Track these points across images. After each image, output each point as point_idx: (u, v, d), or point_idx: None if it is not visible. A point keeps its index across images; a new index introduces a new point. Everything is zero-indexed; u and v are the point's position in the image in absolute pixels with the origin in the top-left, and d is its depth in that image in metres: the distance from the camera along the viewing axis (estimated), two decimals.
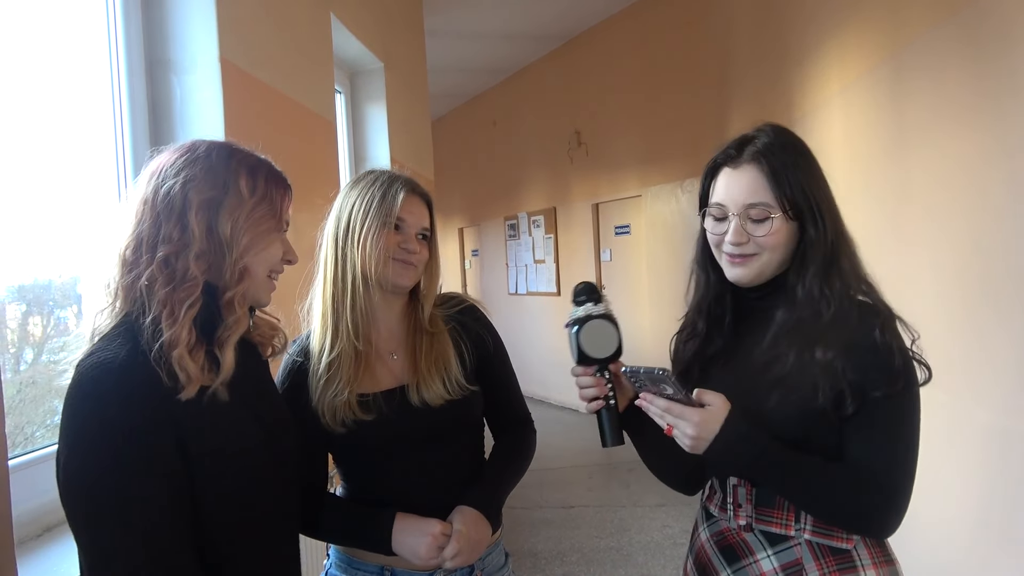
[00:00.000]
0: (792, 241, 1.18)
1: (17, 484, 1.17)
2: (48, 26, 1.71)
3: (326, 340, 1.37)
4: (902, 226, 2.56)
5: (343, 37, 3.21)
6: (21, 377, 1.66)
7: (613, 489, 4.99)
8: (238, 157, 1.10)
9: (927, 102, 2.48)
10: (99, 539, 0.94)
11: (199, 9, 1.90)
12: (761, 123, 1.23)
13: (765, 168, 1.16)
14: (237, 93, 1.97)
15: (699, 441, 1.12)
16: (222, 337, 1.05)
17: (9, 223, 1.55)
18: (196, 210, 1.02)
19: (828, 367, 1.11)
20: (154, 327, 0.99)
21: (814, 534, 1.14)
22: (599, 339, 1.25)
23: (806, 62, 3.69)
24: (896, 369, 1.10)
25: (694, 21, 5.66)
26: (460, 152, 9.48)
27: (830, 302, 1.14)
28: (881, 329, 1.12)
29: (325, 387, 1.34)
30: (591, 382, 1.26)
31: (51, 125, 1.72)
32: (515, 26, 6.77)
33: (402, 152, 3.94)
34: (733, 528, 1.21)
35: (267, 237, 1.10)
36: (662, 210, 6.17)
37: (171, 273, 1.01)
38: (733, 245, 1.19)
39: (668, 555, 3.88)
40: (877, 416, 1.11)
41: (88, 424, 0.94)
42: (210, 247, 1.04)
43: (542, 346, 7.81)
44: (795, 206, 1.15)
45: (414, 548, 1.29)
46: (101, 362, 0.96)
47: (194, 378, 0.99)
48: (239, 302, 1.07)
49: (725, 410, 1.11)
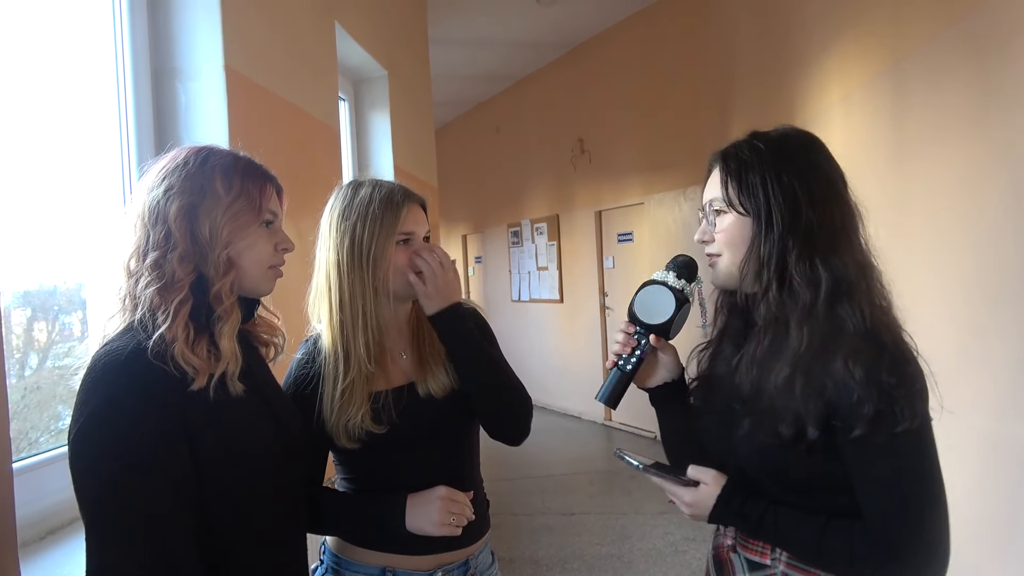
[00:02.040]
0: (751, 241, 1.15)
1: (21, 487, 1.18)
2: (55, 34, 1.73)
3: (339, 368, 1.36)
4: (902, 235, 2.56)
5: (347, 45, 3.23)
6: (26, 382, 1.67)
7: (615, 496, 4.98)
8: (213, 160, 1.16)
9: (928, 111, 2.48)
10: (105, 522, 0.97)
11: (204, 18, 1.92)
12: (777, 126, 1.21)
13: (723, 166, 1.17)
14: (241, 101, 1.99)
15: (696, 517, 1.17)
16: (218, 329, 1.11)
17: (15, 229, 1.57)
18: (175, 216, 1.09)
19: (785, 393, 1.05)
20: (152, 323, 1.05)
21: (790, 566, 1.12)
22: (654, 306, 1.25)
23: (807, 70, 3.70)
24: (871, 410, 0.99)
25: (697, 29, 5.68)
26: (464, 159, 9.51)
27: (786, 314, 1.09)
28: (855, 360, 1.01)
29: (339, 413, 1.35)
30: (623, 339, 1.28)
31: (57, 132, 1.74)
32: (518, 34, 6.80)
33: (406, 160, 3.95)
34: (725, 546, 1.23)
35: (247, 229, 1.16)
36: (665, 218, 6.18)
37: (160, 275, 1.08)
38: (698, 242, 1.21)
39: (670, 563, 3.87)
40: (861, 461, 1.04)
41: (98, 408, 0.99)
42: (193, 248, 1.10)
43: (545, 353, 7.81)
44: (743, 204, 1.13)
45: (429, 515, 1.32)
46: (111, 351, 1.02)
47: (200, 369, 1.05)
48: (226, 294, 1.13)
49: (717, 488, 1.13)
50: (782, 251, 1.10)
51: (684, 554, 3.96)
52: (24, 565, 1.17)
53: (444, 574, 1.41)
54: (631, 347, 1.27)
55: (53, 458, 1.53)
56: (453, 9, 5.79)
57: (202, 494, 1.05)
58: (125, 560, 0.97)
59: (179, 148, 1.17)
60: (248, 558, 1.12)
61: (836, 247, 1.10)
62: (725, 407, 1.18)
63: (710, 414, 1.24)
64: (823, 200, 1.11)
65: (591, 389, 1.84)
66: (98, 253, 1.77)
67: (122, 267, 1.11)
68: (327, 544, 1.46)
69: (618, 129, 6.78)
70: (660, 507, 4.65)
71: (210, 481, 1.06)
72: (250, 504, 1.11)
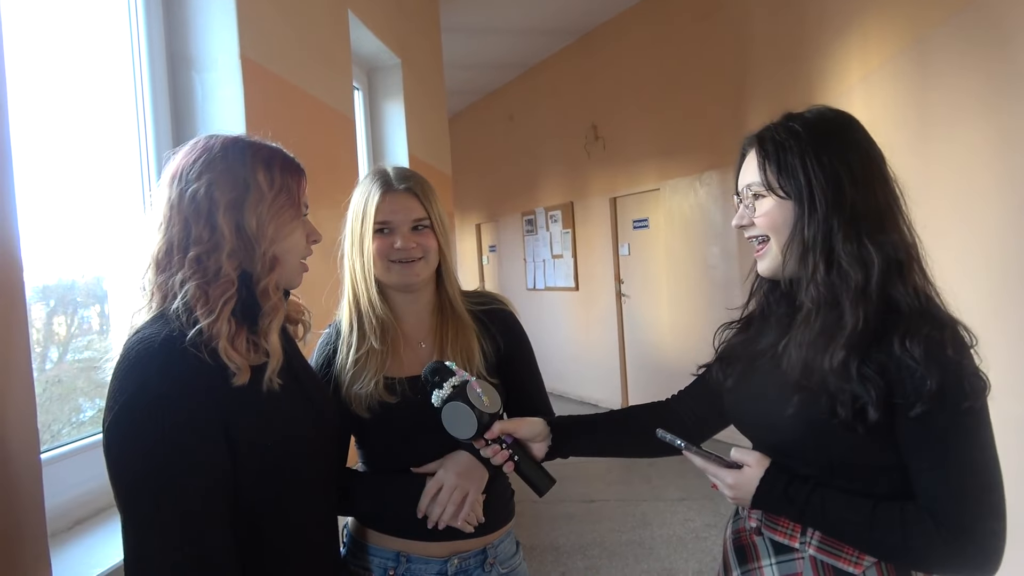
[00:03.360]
0: (794, 224, 1.13)
1: (47, 479, 1.18)
2: (71, 25, 1.72)
3: (353, 337, 1.42)
4: (925, 218, 2.52)
5: (361, 33, 3.22)
6: (47, 376, 1.68)
7: (634, 483, 4.97)
8: (252, 151, 1.14)
9: (952, 90, 2.44)
10: (143, 513, 0.98)
11: (219, 7, 1.91)
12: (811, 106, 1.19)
13: (759, 149, 1.15)
14: (257, 90, 1.98)
15: (738, 500, 1.15)
16: (264, 326, 1.11)
17: (33, 223, 1.57)
18: (223, 210, 1.08)
19: (842, 375, 1.04)
20: (188, 316, 1.04)
21: (820, 551, 1.10)
22: (460, 422, 1.24)
23: (826, 50, 3.65)
24: (935, 385, 0.98)
25: (711, 12, 5.62)
26: (477, 148, 9.49)
27: (836, 295, 1.07)
28: (913, 337, 1.01)
29: (352, 379, 1.39)
30: (490, 452, 1.28)
31: (75, 124, 1.74)
32: (531, 21, 6.75)
33: (419, 148, 3.94)
34: (747, 529, 1.20)
35: (290, 224, 1.15)
36: (681, 203, 6.14)
37: (203, 271, 1.06)
38: (736, 227, 1.19)
39: (691, 549, 3.87)
40: (921, 439, 1.02)
41: (132, 397, 0.98)
42: (240, 243, 1.09)
43: (560, 341, 7.80)
44: (784, 187, 1.11)
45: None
46: (143, 339, 1.02)
47: (242, 367, 1.04)
48: (273, 289, 1.12)
49: (760, 470, 1.11)
50: (827, 232, 1.08)
51: (705, 540, 3.96)
52: (53, 555, 1.18)
53: (460, 561, 1.40)
54: (498, 451, 1.27)
55: (76, 450, 1.54)
56: None
57: (238, 481, 1.05)
58: (163, 555, 0.97)
59: (207, 137, 1.15)
60: (283, 542, 1.12)
61: (883, 226, 1.08)
62: (766, 389, 1.17)
63: (747, 395, 1.23)
64: (865, 179, 1.09)
65: (607, 376, 1.83)
66: (119, 246, 1.78)
67: (149, 257, 1.09)
68: (348, 526, 1.48)
69: (632, 115, 6.73)
70: (680, 494, 4.65)
71: (248, 468, 1.06)
72: (288, 489, 1.12)
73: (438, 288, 1.47)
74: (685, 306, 6.13)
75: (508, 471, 1.29)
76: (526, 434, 1.30)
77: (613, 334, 7.14)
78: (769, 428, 1.16)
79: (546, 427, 1.33)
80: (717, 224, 5.74)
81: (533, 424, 1.32)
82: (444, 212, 1.46)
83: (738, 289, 5.27)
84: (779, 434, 1.14)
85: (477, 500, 1.35)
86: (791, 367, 1.11)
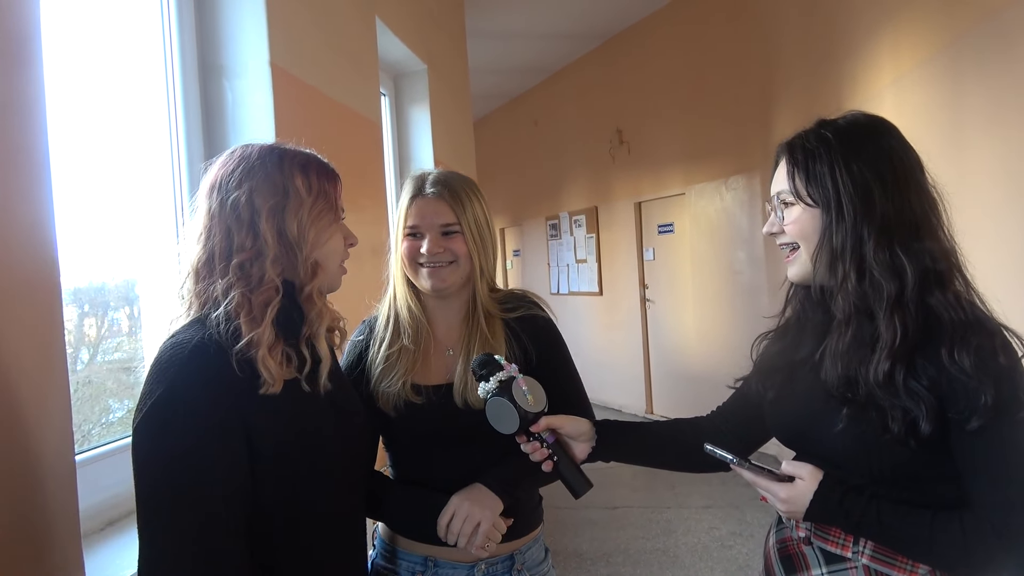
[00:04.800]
0: (822, 232, 1.12)
1: (81, 480, 1.20)
2: (107, 34, 1.76)
3: (387, 333, 1.44)
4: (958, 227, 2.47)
5: (387, 40, 3.24)
6: (77, 377, 1.70)
7: (658, 490, 4.94)
8: (289, 158, 1.15)
9: (987, 95, 2.39)
10: (159, 516, 0.98)
11: (250, 15, 1.93)
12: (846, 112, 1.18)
13: (788, 157, 1.15)
14: (286, 97, 2.00)
15: (791, 514, 1.13)
16: (312, 332, 1.12)
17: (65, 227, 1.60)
18: (265, 217, 1.09)
19: (889, 388, 1.03)
20: (228, 323, 1.05)
21: (873, 560, 1.08)
22: (503, 417, 1.24)
23: (856, 52, 3.60)
24: (990, 398, 0.97)
25: (738, 15, 5.58)
26: (501, 152, 9.51)
27: (868, 305, 1.06)
28: (961, 347, 0.99)
29: (382, 375, 1.41)
30: (530, 448, 1.27)
31: (107, 129, 1.77)
32: (556, 25, 6.75)
33: (445, 153, 3.96)
34: (795, 538, 1.19)
35: (329, 229, 1.17)
36: (706, 208, 6.09)
37: (247, 278, 1.07)
38: (766, 235, 1.19)
39: (716, 558, 3.83)
40: (979, 451, 1.01)
41: (161, 399, 1.00)
42: (282, 250, 1.10)
43: (586, 346, 7.77)
44: (812, 195, 1.11)
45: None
46: (177, 343, 1.04)
47: (276, 376, 1.05)
48: (317, 296, 1.14)
49: (814, 483, 1.09)
50: (856, 241, 1.07)
51: (730, 549, 3.91)
52: (86, 556, 1.20)
53: (487, 567, 1.40)
54: (539, 448, 1.26)
55: (109, 452, 1.56)
56: (490, 2, 5.77)
57: (265, 486, 1.06)
58: (176, 560, 0.98)
59: (242, 146, 1.16)
60: (311, 546, 1.13)
61: (918, 234, 1.07)
62: (810, 400, 1.15)
63: (789, 407, 1.21)
64: (898, 187, 1.08)
65: (632, 382, 1.82)
66: (150, 250, 1.81)
67: (189, 266, 1.10)
68: (379, 530, 1.49)
69: (658, 119, 6.70)
70: (705, 501, 4.60)
71: (275, 474, 1.07)
72: (315, 495, 1.12)
73: (473, 295, 1.47)
74: (711, 312, 6.08)
75: (547, 469, 1.27)
76: (571, 431, 1.29)
77: (637, 339, 7.10)
78: (815, 440, 1.14)
79: (591, 428, 1.32)
80: (743, 229, 5.68)
81: (579, 423, 1.31)
82: (483, 219, 1.45)
83: (765, 295, 5.23)
84: (826, 446, 1.12)
85: (494, 527, 1.33)
86: (830, 378, 1.10)
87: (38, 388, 1.10)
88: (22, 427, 1.06)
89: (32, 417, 1.08)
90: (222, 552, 1.00)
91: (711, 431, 1.36)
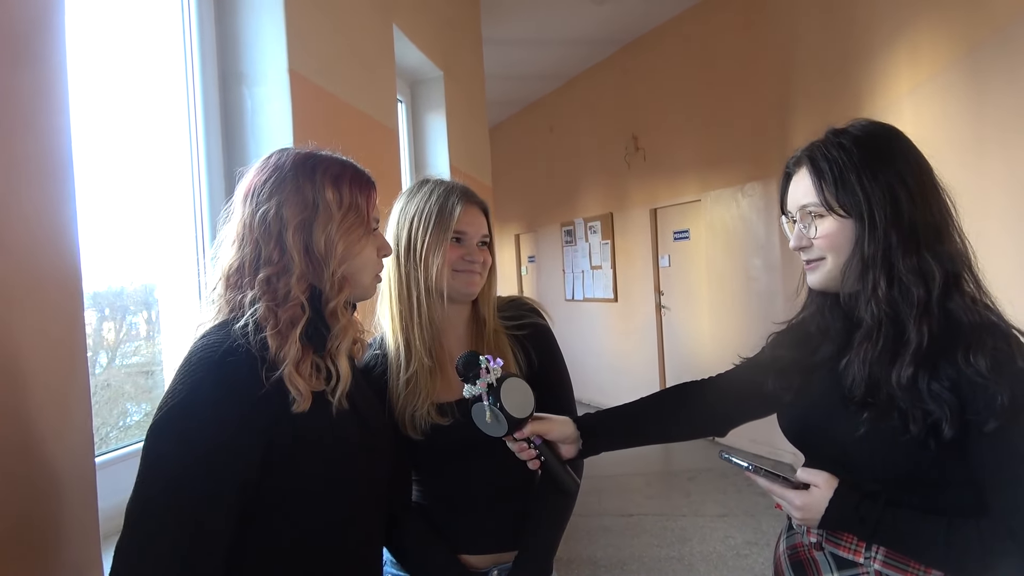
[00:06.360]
0: (855, 243, 1.12)
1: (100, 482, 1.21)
2: (129, 42, 1.79)
3: (401, 358, 1.41)
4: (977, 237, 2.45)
5: (404, 47, 3.26)
6: (96, 380, 1.72)
7: (673, 498, 4.91)
8: (322, 168, 1.13)
9: (1007, 104, 2.37)
10: (147, 511, 0.97)
11: (269, 23, 1.95)
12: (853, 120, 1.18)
13: (812, 168, 1.14)
14: (305, 104, 2.02)
15: (806, 521, 1.13)
16: (333, 348, 1.11)
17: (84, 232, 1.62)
18: (292, 232, 1.08)
19: (912, 392, 1.03)
20: (256, 334, 1.03)
21: (885, 565, 1.08)
22: (489, 422, 1.24)
23: (873, 61, 3.58)
24: (1007, 400, 0.97)
25: (755, 22, 5.56)
26: (517, 159, 9.52)
27: (897, 312, 1.06)
28: (977, 351, 1.00)
29: (405, 401, 1.38)
30: (517, 448, 1.28)
31: (129, 135, 1.79)
32: (571, 32, 6.77)
33: (461, 160, 3.97)
34: (805, 544, 1.18)
35: (360, 242, 1.15)
36: (722, 214, 6.07)
37: (273, 292, 1.06)
38: (795, 249, 1.18)
39: (731, 566, 3.80)
40: (996, 454, 1.01)
41: (183, 401, 0.99)
42: (309, 265, 1.09)
43: (600, 352, 7.76)
44: (844, 205, 1.10)
45: None
46: (207, 345, 1.03)
47: (305, 394, 1.04)
48: (342, 311, 1.12)
49: (829, 491, 1.09)
50: (887, 248, 1.08)
51: (745, 558, 3.88)
52: (105, 557, 1.22)
53: (500, 573, 1.41)
54: (526, 448, 1.27)
55: (126, 455, 1.57)
56: (506, 9, 5.79)
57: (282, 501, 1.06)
58: (155, 565, 0.96)
59: (278, 152, 1.16)
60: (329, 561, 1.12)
61: (939, 237, 1.08)
62: (828, 404, 1.15)
63: (806, 410, 1.21)
64: (920, 191, 1.09)
65: (647, 389, 1.83)
66: (170, 255, 1.83)
67: (221, 272, 1.10)
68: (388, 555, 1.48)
69: (673, 125, 6.69)
70: (720, 509, 4.57)
71: (293, 489, 1.06)
72: (335, 513, 1.11)
73: (475, 305, 1.48)
74: (726, 318, 6.05)
75: (534, 468, 1.28)
76: (557, 436, 1.30)
77: (652, 346, 7.08)
78: (833, 443, 1.14)
79: (576, 430, 1.33)
80: (759, 236, 5.66)
81: (564, 426, 1.31)
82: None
83: (780, 302, 5.19)
84: (844, 449, 1.11)
85: None
86: (856, 384, 1.10)
87: (60, 391, 1.11)
88: (44, 428, 1.07)
89: (54, 419, 1.09)
90: (199, 566, 0.98)
91: (696, 400, 1.42)
